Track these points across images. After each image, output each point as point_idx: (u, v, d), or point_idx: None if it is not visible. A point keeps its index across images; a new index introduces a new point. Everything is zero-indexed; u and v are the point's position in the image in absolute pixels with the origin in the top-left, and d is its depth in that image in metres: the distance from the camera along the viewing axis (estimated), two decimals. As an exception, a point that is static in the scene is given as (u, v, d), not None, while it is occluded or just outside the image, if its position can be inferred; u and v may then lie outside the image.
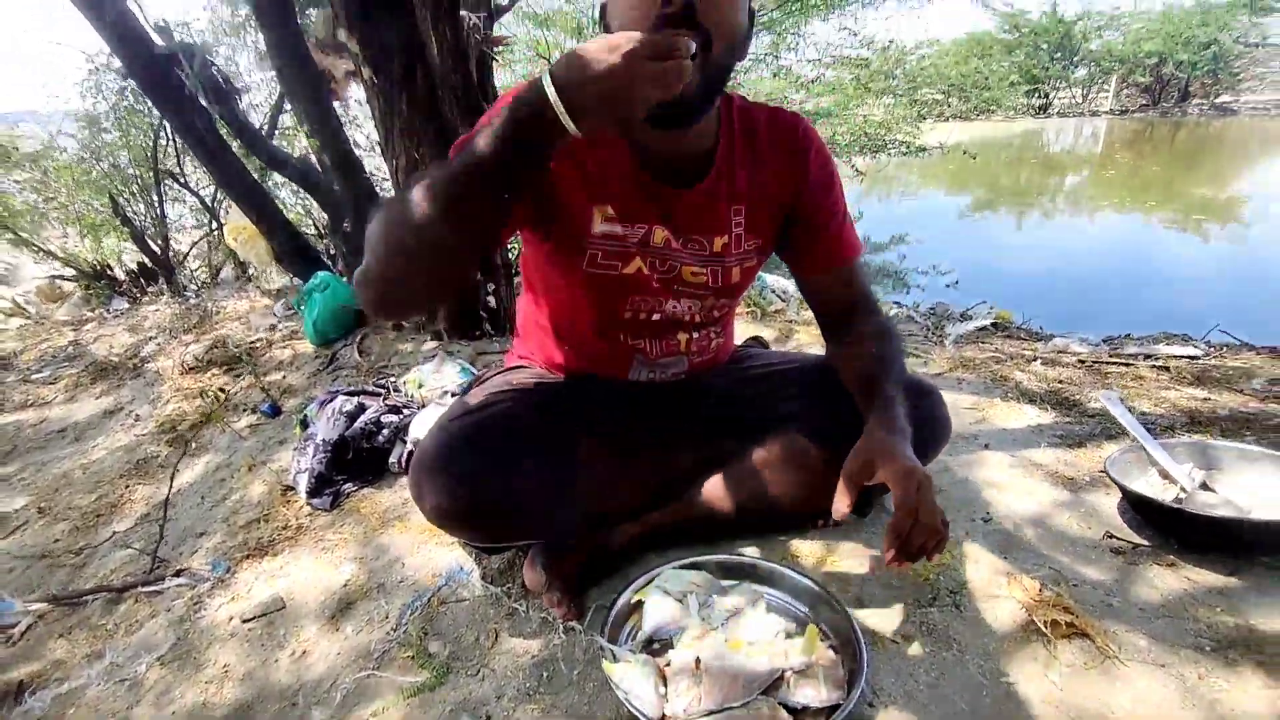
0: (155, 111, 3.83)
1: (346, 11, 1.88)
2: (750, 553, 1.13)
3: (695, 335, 1.15)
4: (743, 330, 2.18)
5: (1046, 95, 23.17)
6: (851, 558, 1.13)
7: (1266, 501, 1.13)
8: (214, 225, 4.31)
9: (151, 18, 2.36)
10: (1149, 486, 1.21)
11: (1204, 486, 1.19)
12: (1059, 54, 22.19)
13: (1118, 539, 1.13)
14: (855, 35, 6.90)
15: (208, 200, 4.30)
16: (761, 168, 1.04)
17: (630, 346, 1.13)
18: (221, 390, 2.23)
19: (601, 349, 1.14)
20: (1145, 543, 1.12)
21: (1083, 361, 2.10)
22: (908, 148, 6.69)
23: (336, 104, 2.67)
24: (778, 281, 3.06)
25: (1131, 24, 21.69)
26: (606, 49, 0.67)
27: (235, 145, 2.73)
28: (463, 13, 2.19)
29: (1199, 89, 21.62)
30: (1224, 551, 1.07)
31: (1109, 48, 21.39)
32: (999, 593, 1.03)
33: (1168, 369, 1.99)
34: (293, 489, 1.54)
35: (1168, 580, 1.04)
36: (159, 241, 4.21)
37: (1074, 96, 23.76)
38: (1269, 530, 1.07)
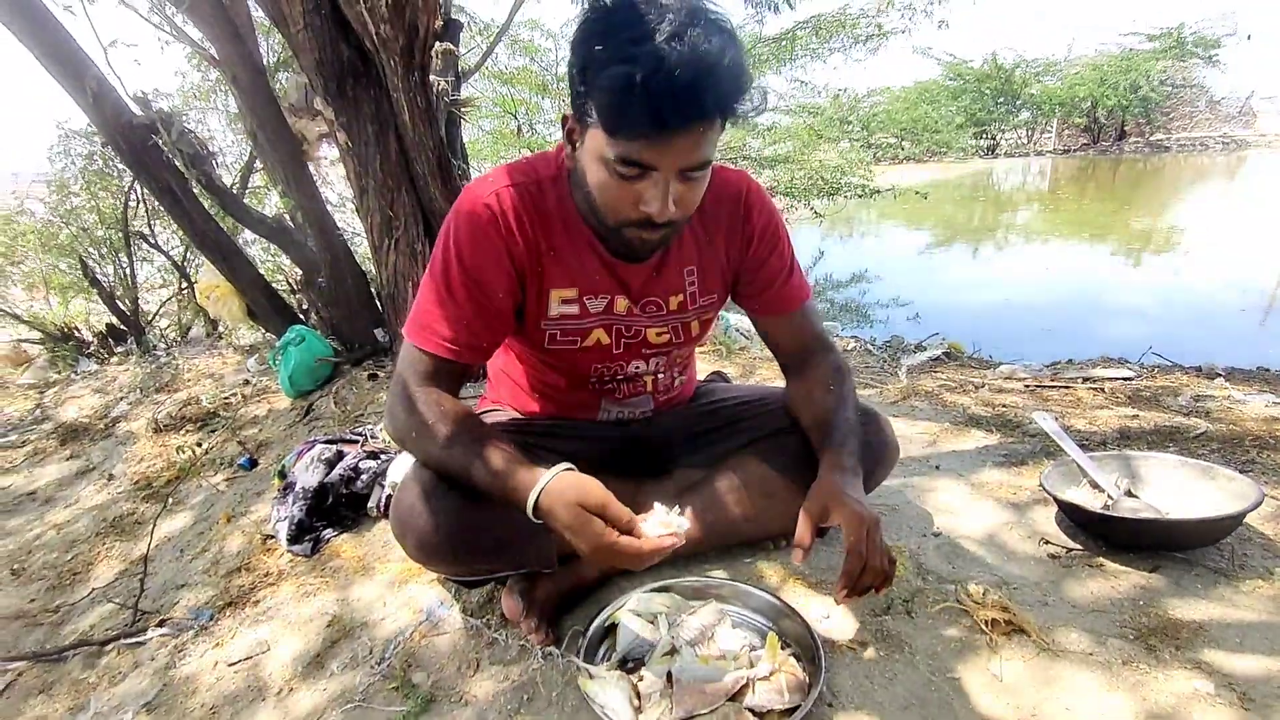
0: (125, 174, 3.89)
1: (324, 85, 1.99)
2: (717, 574, 1.20)
3: (660, 377, 1.24)
4: (708, 366, 2.28)
5: (993, 137, 24.31)
6: (811, 575, 1.21)
7: (1181, 503, 1.24)
8: (184, 284, 4.32)
9: (131, 88, 2.44)
10: (1080, 497, 1.31)
11: (1128, 494, 1.29)
12: (1002, 99, 23.40)
13: (1053, 545, 1.23)
14: (806, 85, 7.32)
15: (178, 259, 4.32)
16: (708, 232, 1.11)
17: (599, 393, 1.22)
18: (198, 444, 2.25)
19: (571, 399, 1.23)
20: (1078, 547, 1.22)
21: (1026, 387, 2.24)
22: (862, 190, 7.02)
23: (309, 164, 2.76)
24: (741, 321, 3.18)
25: (1066, 70, 23.08)
26: (594, 549, 0.87)
27: (209, 205, 2.79)
28: (432, 77, 2.32)
29: (1134, 128, 22.95)
30: (1145, 550, 1.17)
31: (1047, 92, 22.66)
32: (947, 599, 1.11)
33: (1103, 390, 2.13)
34: (273, 538, 1.57)
35: (1097, 579, 1.13)
36: (128, 302, 4.21)
37: (1019, 138, 25.00)
38: (1182, 528, 1.18)
